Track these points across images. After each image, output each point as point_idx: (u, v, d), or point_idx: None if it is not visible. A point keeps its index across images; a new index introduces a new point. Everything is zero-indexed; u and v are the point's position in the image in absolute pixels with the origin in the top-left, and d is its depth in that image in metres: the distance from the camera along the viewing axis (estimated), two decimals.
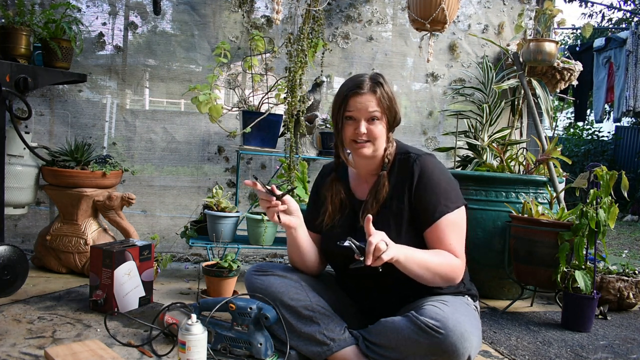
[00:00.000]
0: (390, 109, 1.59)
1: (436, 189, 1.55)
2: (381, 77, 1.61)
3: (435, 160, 1.61)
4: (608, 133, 10.22)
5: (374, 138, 1.58)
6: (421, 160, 1.58)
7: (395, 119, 1.63)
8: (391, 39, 3.44)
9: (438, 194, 1.54)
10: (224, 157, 3.22)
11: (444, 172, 1.60)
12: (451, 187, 1.58)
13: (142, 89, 3.16)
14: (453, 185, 1.59)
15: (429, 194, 1.54)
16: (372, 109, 1.56)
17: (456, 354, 1.33)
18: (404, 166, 1.60)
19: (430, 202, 1.54)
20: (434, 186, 1.55)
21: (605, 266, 2.67)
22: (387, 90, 1.59)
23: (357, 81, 1.60)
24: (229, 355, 1.65)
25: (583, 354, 1.97)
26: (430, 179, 1.55)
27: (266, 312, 1.58)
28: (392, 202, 1.59)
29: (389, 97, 1.59)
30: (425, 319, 1.37)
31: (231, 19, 3.19)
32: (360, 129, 1.57)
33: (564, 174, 2.94)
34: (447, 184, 1.57)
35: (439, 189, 1.55)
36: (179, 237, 2.82)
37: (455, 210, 1.54)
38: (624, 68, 5.92)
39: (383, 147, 1.62)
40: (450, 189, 1.57)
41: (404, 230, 1.56)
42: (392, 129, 1.64)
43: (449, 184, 1.58)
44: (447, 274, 1.49)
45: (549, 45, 2.98)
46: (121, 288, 2.01)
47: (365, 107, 1.57)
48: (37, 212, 3.00)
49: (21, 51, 2.38)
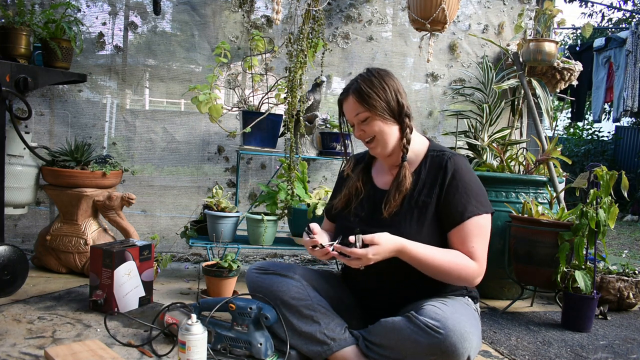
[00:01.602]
0: (377, 101, 1.55)
1: (469, 190, 1.53)
2: (365, 74, 1.60)
3: (466, 161, 1.60)
4: (608, 133, 10.22)
5: (376, 134, 1.58)
6: (456, 160, 1.57)
7: (391, 107, 1.57)
8: (391, 39, 3.44)
9: (470, 195, 1.52)
10: (224, 157, 3.22)
11: (475, 176, 1.59)
12: (482, 192, 1.57)
13: (142, 89, 3.16)
14: (483, 190, 1.58)
15: (460, 193, 1.53)
16: (355, 112, 1.58)
17: (456, 353, 1.32)
18: (437, 162, 1.59)
19: (461, 201, 1.52)
20: (467, 186, 1.53)
21: (605, 266, 2.67)
22: (366, 86, 1.56)
23: (345, 86, 1.63)
24: (229, 355, 1.65)
25: (583, 354, 1.97)
26: (463, 179, 1.54)
27: (266, 312, 1.58)
28: (420, 195, 1.57)
29: (371, 92, 1.55)
30: (425, 319, 1.37)
31: (231, 19, 3.19)
32: (356, 132, 1.62)
33: (564, 174, 2.94)
34: (479, 188, 1.56)
35: (472, 190, 1.54)
36: (179, 237, 2.82)
37: (484, 215, 1.52)
38: (624, 68, 5.92)
39: (394, 141, 1.59)
40: (481, 192, 1.56)
41: (427, 225, 1.54)
42: (397, 116, 1.59)
43: (481, 188, 1.57)
44: (460, 275, 1.48)
45: (549, 45, 2.98)
46: (121, 288, 2.01)
47: (349, 112, 1.60)
48: (37, 212, 3.00)
49: (21, 51, 2.38)
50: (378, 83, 1.57)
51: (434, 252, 1.48)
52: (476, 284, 1.53)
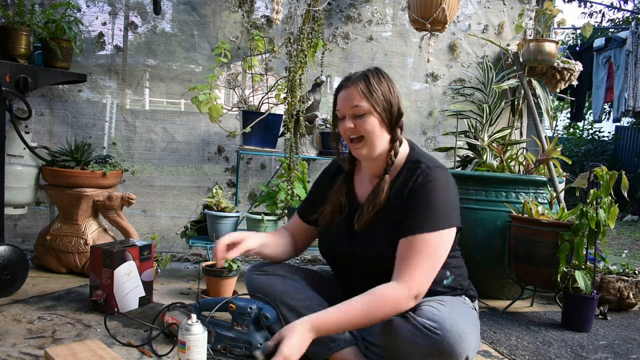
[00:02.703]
0: (380, 101, 1.49)
1: (431, 205, 1.43)
2: (374, 70, 1.53)
3: (442, 176, 1.48)
4: (608, 133, 10.22)
5: (366, 134, 1.49)
6: (427, 173, 1.47)
7: (391, 112, 1.51)
8: (391, 39, 3.43)
9: (428, 210, 1.42)
10: (224, 157, 3.22)
11: (446, 189, 1.47)
12: (446, 207, 1.45)
13: (142, 89, 3.16)
14: (450, 206, 1.47)
15: (420, 206, 1.44)
16: (355, 102, 1.48)
17: (453, 354, 1.32)
18: (410, 175, 1.50)
19: (417, 215, 1.43)
20: (430, 201, 1.43)
21: (605, 266, 2.67)
22: (375, 81, 1.49)
23: (346, 76, 1.55)
24: (229, 355, 1.65)
25: (583, 354, 1.97)
26: (428, 192, 1.44)
27: (266, 312, 1.58)
28: (392, 209, 1.50)
29: (378, 89, 1.49)
30: (423, 320, 1.36)
31: (231, 19, 3.19)
32: (346, 124, 1.50)
33: (564, 174, 2.94)
34: (444, 202, 1.45)
35: (433, 205, 1.43)
36: (179, 237, 2.82)
37: (437, 232, 1.41)
38: (624, 68, 5.92)
39: (383, 146, 1.52)
40: (444, 209, 1.44)
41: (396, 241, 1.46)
42: (392, 125, 1.52)
43: (447, 202, 1.46)
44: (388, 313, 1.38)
45: (549, 45, 2.98)
46: (121, 288, 2.01)
47: (348, 101, 1.50)
48: (37, 212, 3.00)
49: (21, 51, 2.38)
50: (386, 83, 1.52)
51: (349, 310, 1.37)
52: (409, 306, 1.39)
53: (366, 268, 1.57)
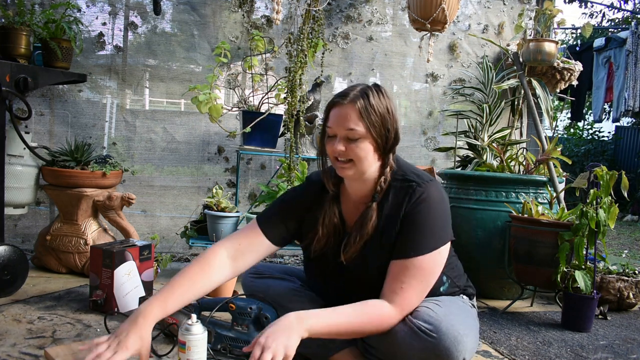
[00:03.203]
0: (378, 125, 1.37)
1: (423, 226, 1.38)
2: (375, 88, 1.40)
3: (434, 191, 1.41)
4: (608, 133, 10.22)
5: (357, 159, 1.37)
6: (419, 191, 1.39)
7: (388, 138, 1.39)
8: (391, 39, 3.44)
9: (422, 233, 1.38)
10: (224, 157, 3.22)
11: (440, 205, 1.41)
12: (441, 224, 1.41)
13: (142, 89, 3.17)
14: (445, 222, 1.42)
15: (412, 230, 1.38)
16: (350, 125, 1.35)
17: (450, 357, 1.30)
18: (402, 196, 1.41)
19: (409, 238, 1.38)
20: (423, 222, 1.38)
21: (605, 266, 2.67)
22: (375, 102, 1.36)
23: (345, 90, 1.40)
24: (229, 355, 1.65)
25: (583, 354, 1.97)
26: (421, 214, 1.38)
27: (266, 312, 1.58)
28: (382, 237, 1.43)
29: (377, 112, 1.36)
30: (419, 322, 1.34)
31: (231, 19, 3.19)
32: (336, 145, 1.37)
33: (564, 174, 2.95)
34: (439, 220, 1.40)
35: (427, 226, 1.38)
36: (179, 237, 2.82)
37: (431, 253, 1.37)
38: (624, 68, 5.92)
39: (372, 170, 1.42)
40: (439, 226, 1.40)
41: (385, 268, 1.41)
42: (386, 150, 1.41)
43: (442, 219, 1.41)
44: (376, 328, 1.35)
45: (549, 45, 2.98)
46: (121, 288, 2.01)
47: (343, 121, 1.36)
48: (37, 212, 3.00)
49: (21, 51, 2.38)
50: (386, 104, 1.39)
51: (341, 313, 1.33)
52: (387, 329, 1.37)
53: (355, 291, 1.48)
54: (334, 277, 1.55)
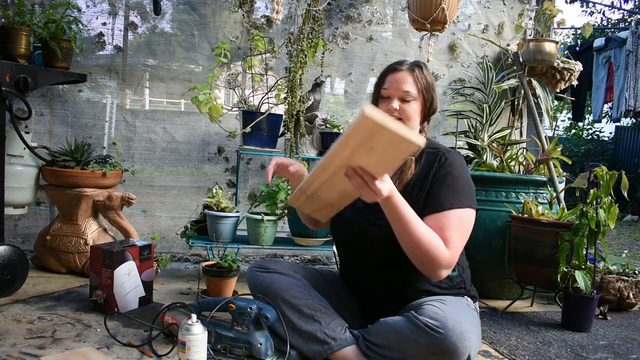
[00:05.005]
0: (427, 91, 1.59)
1: (456, 184, 1.52)
2: (422, 64, 1.63)
3: (461, 159, 1.60)
4: (609, 133, 10.22)
5: (407, 118, 1.56)
6: (448, 155, 1.58)
7: (432, 105, 1.62)
8: (391, 39, 3.43)
9: (454, 188, 1.52)
10: (224, 157, 3.22)
11: (466, 172, 1.59)
12: (469, 188, 1.56)
13: (142, 89, 3.17)
14: (471, 187, 1.57)
15: (445, 185, 1.52)
16: (407, 87, 1.56)
17: (456, 353, 1.32)
18: (432, 159, 1.59)
19: (445, 193, 1.51)
20: (453, 180, 1.53)
21: (605, 266, 2.68)
22: (425, 73, 1.59)
23: (398, 61, 1.63)
24: (229, 355, 1.65)
25: (583, 354, 1.97)
26: (452, 173, 1.54)
27: (266, 312, 1.58)
28: (413, 189, 1.56)
29: (427, 81, 1.59)
30: (425, 319, 1.37)
31: (231, 19, 3.19)
32: (392, 104, 1.57)
33: (564, 174, 2.94)
34: (466, 183, 1.55)
35: (457, 184, 1.53)
36: (179, 237, 2.82)
37: (466, 208, 1.51)
38: (624, 68, 5.91)
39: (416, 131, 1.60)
40: (468, 188, 1.55)
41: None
42: (427, 116, 1.63)
43: (469, 184, 1.56)
44: (430, 256, 1.40)
45: (549, 45, 2.98)
46: (121, 288, 2.01)
47: (400, 84, 1.57)
48: (37, 212, 3.00)
49: (21, 51, 2.38)
50: (431, 78, 1.62)
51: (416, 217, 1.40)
52: (441, 276, 1.45)
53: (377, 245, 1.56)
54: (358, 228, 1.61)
